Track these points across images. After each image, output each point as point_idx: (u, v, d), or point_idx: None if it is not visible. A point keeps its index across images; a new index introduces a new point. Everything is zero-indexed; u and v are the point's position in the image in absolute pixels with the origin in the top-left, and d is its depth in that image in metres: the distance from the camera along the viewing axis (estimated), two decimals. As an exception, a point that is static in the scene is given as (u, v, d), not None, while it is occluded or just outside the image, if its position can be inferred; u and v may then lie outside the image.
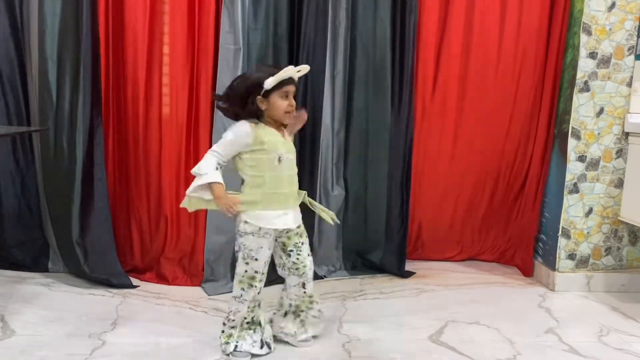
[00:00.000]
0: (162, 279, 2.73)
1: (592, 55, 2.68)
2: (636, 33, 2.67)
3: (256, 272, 1.91)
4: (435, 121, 3.05)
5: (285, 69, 1.80)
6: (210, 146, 2.69)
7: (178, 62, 2.69)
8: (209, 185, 1.83)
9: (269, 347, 2.00)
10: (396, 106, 2.88)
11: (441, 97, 3.03)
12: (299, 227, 1.97)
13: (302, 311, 2.06)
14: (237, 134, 1.84)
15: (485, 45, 2.96)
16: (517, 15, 2.92)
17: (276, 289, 2.18)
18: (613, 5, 2.64)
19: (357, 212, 2.97)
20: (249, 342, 1.97)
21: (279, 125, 1.90)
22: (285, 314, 2.08)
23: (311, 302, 2.06)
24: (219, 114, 2.68)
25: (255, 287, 1.93)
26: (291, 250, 1.96)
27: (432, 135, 3.07)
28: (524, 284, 2.92)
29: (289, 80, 1.82)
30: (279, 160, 1.84)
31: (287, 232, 1.94)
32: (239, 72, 2.67)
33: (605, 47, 2.68)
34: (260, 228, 1.86)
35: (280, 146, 1.86)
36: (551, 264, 2.85)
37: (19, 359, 1.94)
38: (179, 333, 2.18)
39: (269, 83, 1.79)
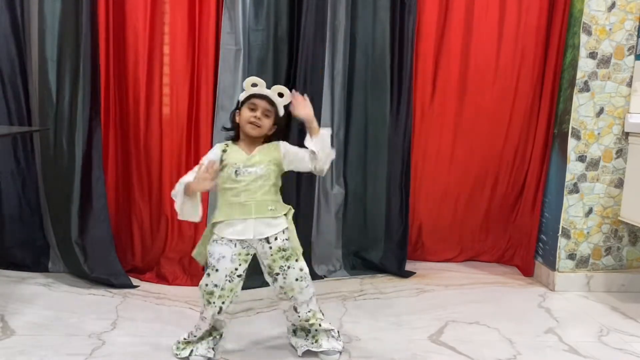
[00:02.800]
0: (162, 279, 2.73)
1: (592, 55, 2.68)
2: (636, 33, 2.67)
3: (215, 285, 1.87)
4: (435, 121, 3.06)
5: (252, 79, 1.90)
6: (211, 146, 2.72)
7: (178, 62, 2.70)
8: (187, 191, 1.86)
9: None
10: (395, 106, 2.88)
11: (440, 97, 3.03)
12: (282, 249, 1.88)
13: (308, 329, 2.00)
14: (207, 156, 1.92)
15: (485, 45, 2.96)
16: (517, 15, 2.92)
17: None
18: (613, 5, 2.64)
19: (357, 212, 2.97)
20: (204, 347, 1.97)
21: (251, 143, 1.91)
22: (295, 332, 2.04)
23: (313, 322, 1.97)
24: (219, 114, 2.69)
25: (214, 304, 1.88)
26: (277, 274, 1.89)
27: (432, 135, 3.07)
28: (524, 284, 2.92)
29: (259, 96, 1.88)
30: (236, 173, 1.85)
31: (271, 253, 1.87)
32: (240, 73, 2.68)
33: (605, 47, 2.68)
34: (222, 237, 1.87)
35: (239, 160, 1.87)
36: (551, 264, 2.85)
37: (18, 359, 1.94)
38: (179, 333, 2.18)
39: (242, 95, 1.91)
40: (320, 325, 1.97)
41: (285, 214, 1.90)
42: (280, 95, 1.92)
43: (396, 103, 2.88)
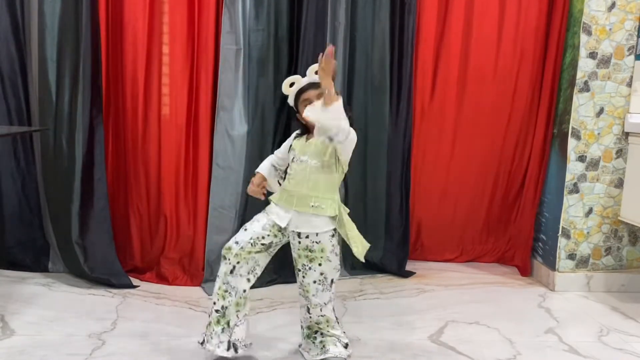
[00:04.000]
0: (162, 279, 2.73)
1: (592, 55, 2.68)
2: (636, 33, 2.67)
3: (236, 242, 1.86)
4: (435, 121, 3.06)
5: (287, 81, 1.92)
6: (211, 146, 2.72)
7: (178, 62, 2.69)
8: None
9: (236, 350, 1.89)
10: (395, 106, 2.88)
11: (440, 97, 3.03)
12: (309, 249, 1.83)
13: (315, 333, 1.95)
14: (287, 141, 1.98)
15: (484, 45, 2.96)
16: (516, 16, 2.92)
17: (277, 289, 2.18)
18: (613, 5, 2.64)
19: (357, 212, 2.96)
20: (214, 343, 1.88)
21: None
22: (307, 335, 1.98)
23: (323, 327, 1.93)
24: (219, 114, 2.69)
25: (229, 261, 1.85)
26: (299, 270, 1.88)
27: (431, 135, 3.07)
28: (524, 284, 2.92)
29: (303, 89, 1.88)
30: (293, 159, 1.89)
31: (298, 248, 1.85)
32: (240, 73, 2.68)
33: (605, 47, 2.68)
34: (268, 212, 1.91)
35: (298, 148, 1.89)
36: (551, 264, 2.85)
37: (18, 359, 1.94)
38: (179, 333, 2.18)
39: (290, 101, 1.93)
40: (328, 331, 1.93)
41: (332, 217, 1.83)
42: (316, 72, 1.82)
43: (396, 103, 2.88)
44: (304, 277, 1.87)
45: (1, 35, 2.61)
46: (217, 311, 1.88)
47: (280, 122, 2.73)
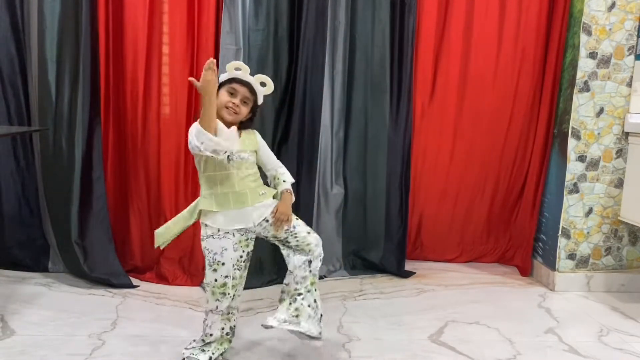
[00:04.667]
0: (162, 278, 2.73)
1: (592, 55, 2.68)
2: (636, 33, 2.67)
3: (226, 277, 1.82)
4: (435, 121, 3.05)
5: (237, 63, 1.82)
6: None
7: (178, 62, 2.69)
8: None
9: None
10: (395, 106, 2.88)
11: (440, 97, 3.03)
12: (280, 219, 1.86)
13: (300, 294, 1.90)
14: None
15: (485, 45, 2.96)
16: (517, 16, 2.92)
17: (277, 289, 2.18)
18: (613, 5, 2.64)
19: (357, 212, 2.97)
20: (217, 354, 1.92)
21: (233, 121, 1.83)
22: (281, 300, 1.95)
23: (312, 284, 1.92)
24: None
25: (229, 295, 1.85)
26: (287, 241, 1.89)
27: (432, 135, 3.07)
28: (524, 284, 2.92)
29: (242, 82, 1.81)
30: (228, 158, 1.79)
31: (271, 224, 1.85)
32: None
33: (605, 47, 2.68)
34: (219, 229, 1.82)
35: (236, 146, 1.81)
36: (551, 264, 2.85)
37: (19, 359, 1.94)
38: (179, 333, 2.18)
39: (222, 77, 1.83)
40: (315, 290, 1.92)
41: (273, 196, 1.91)
42: (263, 84, 1.86)
43: (396, 103, 2.88)
44: (296, 237, 1.89)
45: (1, 35, 2.61)
46: (227, 333, 1.94)
47: (280, 122, 2.73)
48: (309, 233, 1.93)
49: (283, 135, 2.73)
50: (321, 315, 1.96)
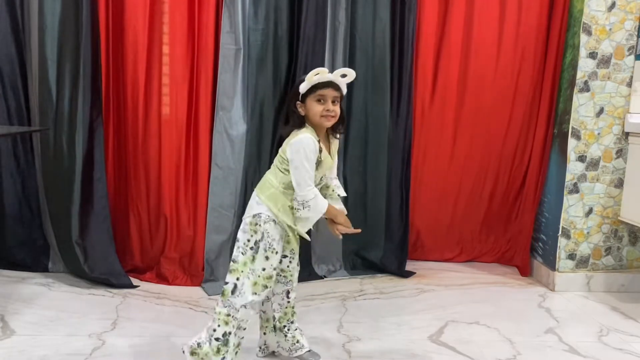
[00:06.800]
0: (162, 279, 2.73)
1: (592, 55, 2.68)
2: (636, 33, 2.67)
3: (274, 269, 1.76)
4: (435, 121, 3.05)
5: (315, 70, 1.74)
6: (210, 146, 2.71)
7: (178, 62, 2.69)
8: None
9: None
10: (395, 105, 2.88)
11: (440, 97, 3.03)
12: (301, 236, 1.84)
13: (284, 326, 1.93)
14: (309, 155, 1.72)
15: (485, 45, 2.96)
16: (517, 15, 2.92)
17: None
18: (613, 5, 2.64)
19: (357, 212, 2.97)
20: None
21: (326, 134, 1.81)
22: (275, 328, 1.95)
23: (293, 315, 1.95)
24: (219, 114, 2.69)
25: (269, 288, 1.77)
26: (285, 256, 1.85)
27: (432, 134, 3.07)
28: (524, 284, 2.92)
29: (324, 84, 1.73)
30: (321, 180, 1.81)
31: (287, 235, 1.82)
32: (240, 73, 2.68)
33: (605, 47, 2.68)
34: (277, 216, 1.75)
35: (328, 167, 1.81)
36: (551, 264, 2.85)
37: (18, 359, 1.94)
38: (179, 333, 2.18)
39: (303, 87, 1.75)
40: (293, 317, 1.94)
41: None
42: (343, 76, 1.78)
43: (396, 103, 2.88)
44: (290, 262, 1.88)
45: (1, 35, 2.61)
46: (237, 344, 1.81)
47: (280, 122, 2.73)
48: (297, 265, 1.91)
49: (282, 135, 2.73)
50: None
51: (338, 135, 1.88)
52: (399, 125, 2.89)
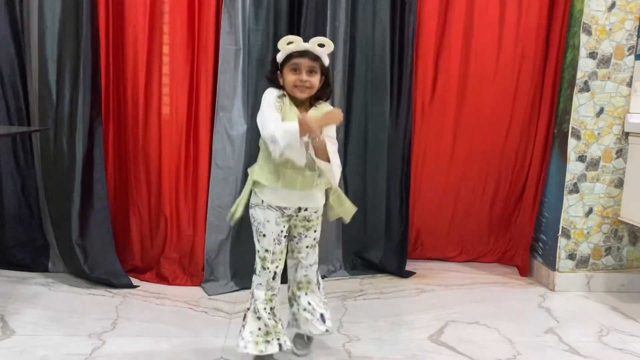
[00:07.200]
0: (162, 279, 2.73)
1: (592, 55, 2.68)
2: (636, 33, 2.67)
3: (267, 250, 1.82)
4: (435, 121, 3.05)
5: (287, 37, 1.73)
6: (210, 146, 2.72)
7: (178, 62, 2.69)
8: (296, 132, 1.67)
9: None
10: (395, 106, 2.88)
11: (441, 97, 3.03)
12: (307, 219, 1.86)
13: (289, 298, 1.98)
14: (268, 102, 1.77)
15: (485, 45, 2.96)
16: (517, 15, 2.92)
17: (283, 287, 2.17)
18: (613, 5, 2.64)
19: (357, 212, 2.95)
20: (287, 337, 1.91)
21: (300, 104, 1.79)
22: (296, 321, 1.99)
23: (299, 292, 1.95)
24: (219, 114, 2.69)
25: (269, 270, 1.83)
26: (294, 236, 1.90)
27: (432, 134, 3.07)
28: (524, 284, 2.92)
29: (300, 53, 1.73)
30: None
31: (296, 216, 1.84)
32: (239, 73, 2.68)
33: (605, 47, 2.68)
34: (262, 201, 1.81)
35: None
36: (551, 264, 2.85)
37: (19, 359, 1.94)
38: (179, 333, 2.18)
39: (279, 57, 1.77)
40: (306, 294, 1.95)
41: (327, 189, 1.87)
42: (321, 45, 1.76)
43: (396, 103, 2.88)
44: (297, 243, 1.90)
45: (1, 35, 2.61)
46: (269, 313, 1.86)
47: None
48: (307, 247, 1.91)
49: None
50: (322, 315, 1.96)
51: (317, 105, 1.81)
52: (399, 125, 2.89)
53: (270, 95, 1.79)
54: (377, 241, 2.98)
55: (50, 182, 2.65)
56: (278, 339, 1.86)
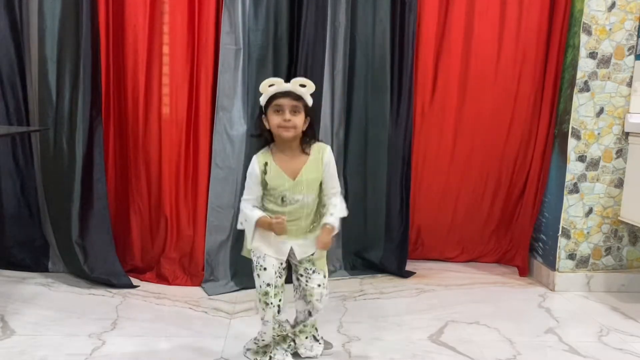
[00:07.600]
0: (162, 279, 2.73)
1: (592, 55, 2.68)
2: (636, 33, 2.67)
3: (268, 285, 1.80)
4: (435, 121, 3.05)
5: (268, 80, 1.76)
6: (210, 146, 2.72)
7: (178, 62, 2.69)
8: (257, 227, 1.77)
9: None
10: (395, 106, 2.88)
11: (441, 97, 3.03)
12: (310, 261, 1.86)
13: (294, 326, 2.00)
14: (250, 176, 1.79)
15: (485, 45, 2.96)
16: (517, 15, 2.92)
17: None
18: (613, 5, 2.64)
19: (357, 212, 2.97)
20: (281, 352, 1.95)
21: (288, 148, 1.78)
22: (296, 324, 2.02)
23: (310, 329, 1.99)
24: (218, 114, 2.69)
25: (272, 305, 1.81)
26: (301, 275, 1.87)
27: (432, 135, 3.07)
28: (524, 284, 2.92)
29: (282, 94, 1.73)
30: (282, 200, 1.77)
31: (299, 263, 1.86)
32: (240, 73, 2.68)
33: (605, 47, 2.68)
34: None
35: (285, 187, 1.76)
36: (551, 264, 2.85)
37: (18, 359, 1.94)
38: (179, 333, 2.18)
39: (262, 100, 1.78)
40: (301, 335, 1.99)
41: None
42: (302, 86, 1.76)
43: (396, 103, 2.88)
44: (307, 281, 1.86)
45: (1, 35, 2.61)
46: (284, 339, 1.97)
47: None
48: (319, 286, 1.87)
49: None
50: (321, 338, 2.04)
51: (309, 150, 1.79)
52: (399, 125, 2.89)
53: (253, 168, 1.78)
54: (377, 241, 2.98)
55: (50, 182, 2.65)
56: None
